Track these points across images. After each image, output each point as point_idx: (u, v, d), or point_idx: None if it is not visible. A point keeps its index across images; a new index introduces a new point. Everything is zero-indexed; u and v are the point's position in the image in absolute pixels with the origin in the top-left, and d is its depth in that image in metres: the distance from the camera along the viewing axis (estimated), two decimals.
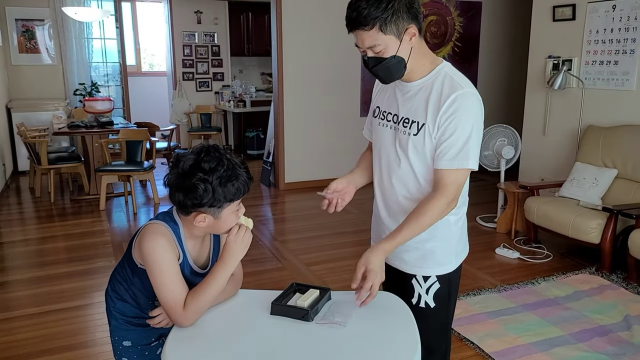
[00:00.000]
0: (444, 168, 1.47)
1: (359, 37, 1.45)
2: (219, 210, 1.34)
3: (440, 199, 1.47)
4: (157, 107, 8.21)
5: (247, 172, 1.39)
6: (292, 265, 3.83)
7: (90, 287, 3.46)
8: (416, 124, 1.51)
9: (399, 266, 1.68)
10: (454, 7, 6.44)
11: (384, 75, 1.51)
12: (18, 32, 6.91)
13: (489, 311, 3.03)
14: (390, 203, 1.66)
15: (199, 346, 1.34)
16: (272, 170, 6.12)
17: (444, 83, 1.49)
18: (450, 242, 1.63)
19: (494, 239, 4.36)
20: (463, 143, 1.45)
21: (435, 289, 1.63)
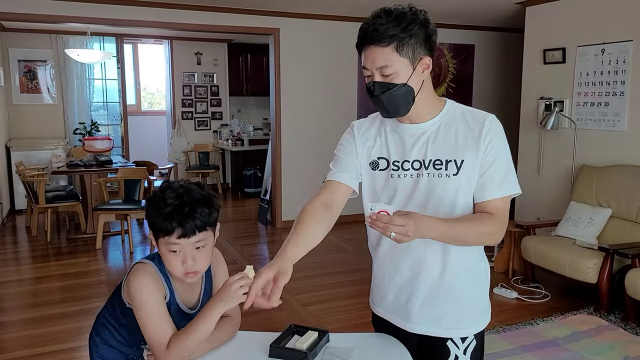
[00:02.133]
0: (494, 198, 1.37)
1: (370, 55, 1.32)
2: (156, 239, 1.37)
3: (496, 220, 1.37)
4: (156, 145, 8.29)
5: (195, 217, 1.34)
6: (288, 305, 3.80)
7: (85, 328, 3.41)
8: (454, 163, 1.38)
9: (431, 332, 1.49)
10: (448, 49, 6.62)
11: (388, 106, 1.36)
12: (20, 72, 7.05)
13: (488, 353, 3.00)
14: (421, 254, 1.46)
15: None
16: (269, 208, 6.13)
17: (466, 115, 1.42)
18: (485, 294, 1.54)
19: (492, 278, 4.32)
20: (506, 168, 1.39)
21: (472, 348, 1.50)
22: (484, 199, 1.38)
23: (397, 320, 1.55)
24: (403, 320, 1.53)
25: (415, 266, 1.47)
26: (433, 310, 1.47)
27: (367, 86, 1.38)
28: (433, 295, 1.47)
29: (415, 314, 1.50)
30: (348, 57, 5.98)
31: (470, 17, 5.99)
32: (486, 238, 1.38)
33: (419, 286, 1.48)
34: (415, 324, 1.50)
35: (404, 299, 1.51)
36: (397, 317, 1.55)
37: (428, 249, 1.44)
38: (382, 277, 1.57)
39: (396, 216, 1.22)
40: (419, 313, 1.49)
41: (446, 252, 1.44)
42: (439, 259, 1.45)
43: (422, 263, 1.46)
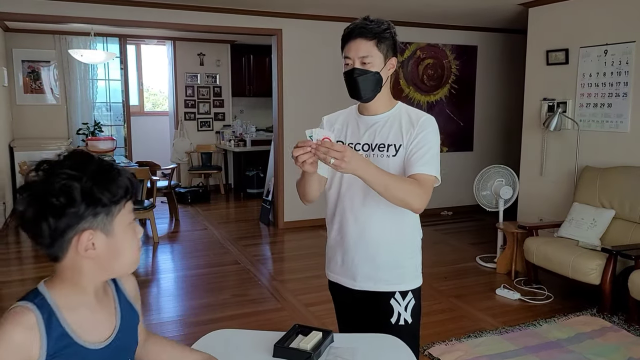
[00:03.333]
0: (419, 172, 1.65)
1: (355, 46, 1.67)
2: (109, 220, 0.98)
3: (421, 186, 1.63)
4: (159, 146, 8.29)
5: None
6: (291, 305, 3.81)
7: None
8: (394, 147, 1.71)
9: (376, 287, 1.77)
10: (450, 50, 6.62)
11: (362, 86, 1.68)
12: (24, 72, 7.06)
13: (491, 354, 3.00)
14: (363, 223, 1.75)
15: None
16: (272, 209, 6.14)
17: (409, 113, 1.76)
18: (419, 257, 1.85)
19: (494, 279, 4.35)
20: (432, 154, 1.68)
21: (412, 305, 1.78)
22: (412, 172, 1.66)
23: (344, 281, 1.83)
24: (350, 279, 1.81)
25: (360, 231, 1.75)
26: (375, 270, 1.76)
27: (345, 73, 1.72)
28: (374, 256, 1.75)
29: (360, 273, 1.78)
30: None
31: (473, 18, 5.99)
32: (410, 196, 1.60)
33: (362, 248, 1.76)
34: (360, 281, 1.78)
35: (349, 261, 1.79)
36: (344, 278, 1.83)
37: (372, 216, 1.73)
38: (333, 244, 1.86)
39: (335, 144, 1.47)
40: (362, 272, 1.77)
41: (387, 219, 1.73)
42: (381, 225, 1.74)
43: (366, 228, 1.75)
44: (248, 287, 4.20)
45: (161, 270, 4.75)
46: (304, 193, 1.79)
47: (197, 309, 3.77)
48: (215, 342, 1.60)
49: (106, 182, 0.96)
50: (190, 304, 3.89)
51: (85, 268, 1.00)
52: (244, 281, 4.32)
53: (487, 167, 4.80)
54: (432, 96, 6.57)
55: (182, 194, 7.32)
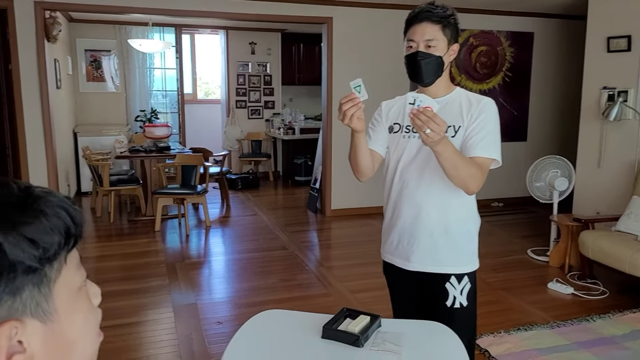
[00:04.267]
0: (479, 155, 1.67)
1: (420, 29, 1.68)
2: (44, 292, 0.54)
3: (481, 170, 1.66)
4: (211, 133, 8.52)
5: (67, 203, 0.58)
6: (337, 291, 3.86)
7: (144, 305, 3.60)
8: (452, 128, 1.72)
9: (431, 269, 1.79)
10: (505, 37, 6.43)
11: (425, 70, 1.70)
12: (87, 61, 7.41)
13: (541, 347, 2.95)
14: (419, 204, 1.77)
15: (257, 355, 1.41)
16: (319, 196, 6.20)
17: (469, 96, 1.77)
18: (475, 241, 1.84)
19: (546, 272, 4.24)
20: (493, 138, 1.70)
21: (468, 289, 1.79)
22: (472, 155, 1.67)
23: (398, 261, 1.85)
24: (404, 260, 1.83)
25: (416, 212, 1.77)
26: (430, 250, 1.77)
27: (408, 56, 1.73)
28: (428, 237, 1.77)
29: (414, 254, 1.79)
30: (401, 46, 5.92)
31: (529, 3, 5.78)
32: (470, 179, 1.63)
33: (418, 229, 1.78)
34: (414, 262, 1.80)
35: (405, 242, 1.81)
36: (398, 259, 1.85)
37: (428, 197, 1.75)
38: (389, 226, 1.88)
39: (439, 116, 1.47)
40: (417, 253, 1.78)
41: (443, 199, 1.75)
42: (437, 206, 1.76)
43: (422, 209, 1.76)
44: (295, 272, 4.29)
45: (212, 253, 4.92)
46: (357, 163, 1.77)
47: (246, 291, 3.89)
48: (265, 321, 1.67)
49: (26, 226, 0.52)
50: (240, 286, 4.01)
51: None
52: (292, 266, 4.41)
53: (541, 157, 4.66)
54: (484, 84, 6.42)
55: (232, 180, 7.50)
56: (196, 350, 2.96)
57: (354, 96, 1.54)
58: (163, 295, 3.76)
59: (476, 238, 1.85)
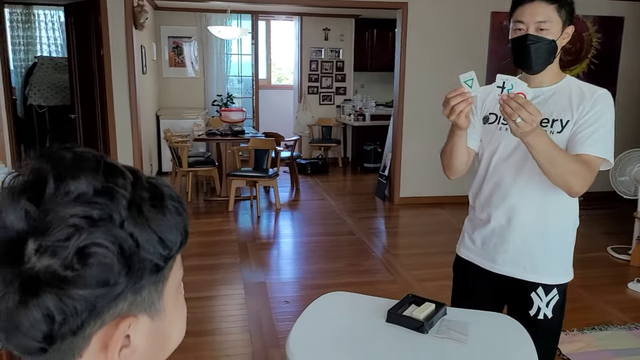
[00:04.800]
0: (588, 153, 1.48)
1: (532, 10, 1.49)
2: (159, 291, 0.55)
3: (587, 167, 1.48)
4: (283, 118, 8.69)
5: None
6: (403, 279, 3.88)
7: (217, 280, 3.80)
8: (559, 122, 1.54)
9: (519, 275, 1.65)
10: (592, 22, 6.05)
11: (535, 55, 1.51)
12: (169, 48, 7.78)
13: (617, 349, 2.83)
14: (513, 204, 1.62)
15: (321, 339, 1.48)
16: (388, 184, 6.19)
17: (581, 87, 1.57)
18: (571, 249, 1.68)
19: (627, 272, 4.02)
20: (605, 133, 1.51)
21: (555, 301, 1.64)
22: (578, 152, 1.49)
23: (481, 262, 1.72)
24: (489, 262, 1.69)
25: (510, 212, 1.62)
26: (520, 254, 1.63)
27: (515, 39, 1.54)
28: (522, 241, 1.62)
29: (502, 257, 1.65)
30: (477, 31, 5.75)
31: None
32: (574, 177, 1.46)
33: (510, 232, 1.63)
34: (501, 265, 1.66)
35: (492, 243, 1.68)
36: (482, 259, 1.72)
37: (524, 197, 1.60)
38: (475, 223, 1.74)
39: (532, 104, 1.33)
40: (505, 257, 1.65)
41: (541, 201, 1.59)
42: (533, 209, 1.60)
43: (516, 210, 1.61)
44: (362, 258, 4.34)
45: (281, 235, 5.07)
46: (451, 161, 1.64)
47: (313, 272, 3.99)
48: (331, 302, 1.73)
49: (159, 224, 0.50)
50: (307, 268, 4.13)
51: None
52: (358, 252, 4.47)
53: (626, 151, 4.39)
54: (567, 72, 6.02)
55: (302, 165, 7.65)
56: (264, 326, 3.10)
57: (464, 90, 1.39)
58: (235, 272, 3.94)
59: (572, 247, 1.68)
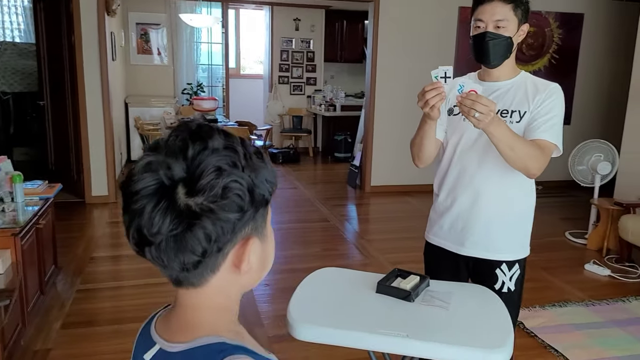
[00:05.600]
0: (542, 138, 1.63)
1: (491, 9, 1.63)
2: (264, 219, 0.71)
3: (542, 150, 1.62)
4: (253, 108, 8.71)
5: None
6: (377, 262, 4.02)
7: None
8: (518, 113, 1.68)
9: (485, 255, 1.79)
10: (554, 18, 6.33)
11: (493, 51, 1.65)
12: (137, 34, 7.67)
13: (576, 323, 3.06)
14: (478, 189, 1.74)
15: (318, 308, 1.59)
16: (359, 173, 6.34)
17: (535, 81, 1.72)
18: (529, 231, 1.84)
19: (584, 255, 4.29)
20: (556, 122, 1.66)
21: (517, 275, 1.81)
22: (534, 138, 1.63)
23: (450, 246, 1.84)
24: (458, 245, 1.82)
25: (474, 197, 1.75)
26: (484, 236, 1.76)
27: (475, 36, 1.67)
28: (486, 223, 1.75)
29: (469, 239, 1.78)
30: (447, 25, 5.93)
31: None
32: (529, 159, 1.59)
33: (475, 215, 1.76)
34: (469, 248, 1.79)
35: (459, 227, 1.80)
36: (450, 243, 1.84)
37: (487, 183, 1.73)
38: (441, 209, 1.86)
39: (484, 97, 1.46)
40: (472, 239, 1.77)
41: (502, 186, 1.73)
42: (496, 192, 1.73)
43: (480, 195, 1.74)
44: (336, 243, 4.47)
45: None
46: (421, 150, 1.76)
47: (289, 257, 4.09)
48: (323, 277, 1.84)
49: (263, 170, 0.67)
50: (283, 254, 4.22)
51: (233, 290, 0.72)
52: (333, 237, 4.60)
53: (585, 141, 4.66)
54: (530, 66, 6.36)
55: (274, 154, 7.71)
56: (247, 308, 3.19)
57: (439, 85, 1.50)
58: None
59: (530, 226, 1.83)
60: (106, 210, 5.12)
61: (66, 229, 4.44)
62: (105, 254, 4.07)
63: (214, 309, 0.71)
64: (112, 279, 3.61)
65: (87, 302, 3.24)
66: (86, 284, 3.48)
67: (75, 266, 3.75)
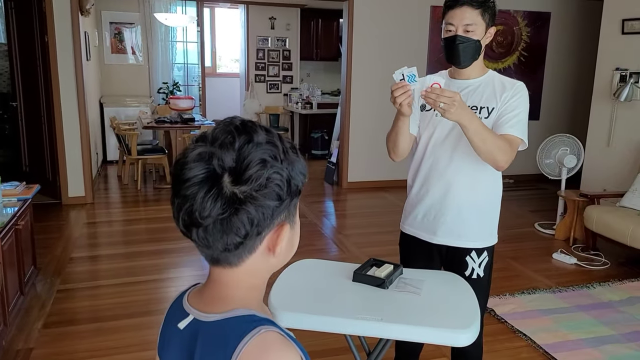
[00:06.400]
0: (509, 133, 1.74)
1: (460, 14, 1.72)
2: (295, 207, 0.79)
3: (510, 144, 1.73)
4: (230, 106, 8.74)
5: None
6: (355, 256, 4.13)
7: (168, 264, 3.90)
8: (486, 109, 1.79)
9: (456, 243, 1.89)
10: (522, 17, 6.53)
11: (463, 53, 1.75)
12: (111, 34, 7.62)
13: (543, 309, 3.21)
14: (449, 180, 1.84)
15: (298, 296, 1.67)
16: (336, 169, 6.44)
17: (502, 79, 1.84)
18: (497, 219, 1.95)
19: (552, 244, 4.47)
20: (521, 119, 1.76)
21: (486, 262, 1.92)
22: (503, 132, 1.74)
23: (423, 235, 1.94)
24: (431, 234, 1.92)
25: (446, 188, 1.85)
26: (455, 225, 1.86)
27: (446, 39, 1.77)
28: (457, 212, 1.85)
29: (441, 228, 1.88)
30: (420, 24, 6.07)
31: None
32: (498, 152, 1.69)
33: (446, 205, 1.86)
34: (441, 236, 1.89)
35: (432, 216, 1.90)
36: (423, 232, 1.94)
37: (458, 175, 1.83)
38: (415, 200, 1.95)
39: (446, 89, 1.58)
40: (444, 228, 1.88)
41: (472, 178, 1.83)
42: (466, 183, 1.83)
43: (451, 186, 1.84)
44: (314, 238, 4.56)
45: None
46: (395, 144, 1.85)
47: None
48: (301, 269, 1.93)
49: (297, 163, 0.75)
50: None
51: (264, 270, 0.80)
52: (311, 233, 4.68)
53: (552, 135, 4.85)
54: (500, 63, 6.55)
55: None
56: None
57: (404, 84, 1.61)
58: (193, 255, 4.05)
59: (498, 215, 1.95)
60: (83, 211, 5.11)
61: (44, 230, 4.43)
62: (84, 254, 4.08)
63: (246, 287, 0.79)
64: (92, 279, 3.62)
65: (68, 301, 3.26)
66: (66, 284, 3.50)
67: (54, 267, 3.76)
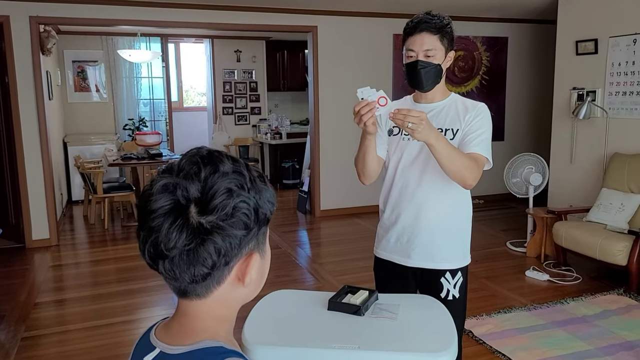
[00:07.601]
0: (475, 152, 1.77)
1: (420, 40, 1.76)
2: (265, 235, 0.79)
3: (476, 162, 1.76)
4: (198, 140, 8.66)
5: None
6: (330, 285, 4.08)
7: (137, 304, 3.78)
8: (451, 131, 1.82)
9: (430, 265, 1.90)
10: (481, 42, 6.75)
11: (425, 78, 1.79)
12: (74, 72, 7.53)
13: (520, 327, 3.21)
14: (420, 203, 1.86)
15: (272, 328, 1.63)
16: (308, 198, 6.43)
17: (464, 101, 1.88)
18: (469, 240, 1.97)
19: (524, 262, 4.52)
20: (485, 138, 1.81)
21: (460, 282, 1.93)
22: (468, 151, 1.77)
23: (397, 258, 1.95)
24: (404, 257, 1.93)
25: (417, 211, 1.87)
26: (428, 247, 1.88)
27: (408, 64, 1.81)
28: (430, 234, 1.87)
29: (414, 251, 1.89)
30: (383, 52, 6.20)
31: (503, 9, 6.11)
32: (465, 170, 1.72)
33: (418, 227, 1.87)
34: (414, 259, 1.90)
35: (405, 239, 1.91)
36: (397, 256, 1.95)
37: (428, 197, 1.85)
38: (387, 224, 1.96)
39: (413, 109, 1.62)
40: (417, 251, 1.89)
41: (442, 199, 1.86)
42: (437, 205, 1.86)
43: (422, 208, 1.86)
44: (289, 269, 4.50)
45: None
46: (364, 165, 1.84)
47: None
48: (276, 299, 1.88)
49: (265, 191, 0.75)
50: None
51: (233, 301, 0.78)
52: (286, 263, 4.62)
53: (517, 155, 4.96)
54: (463, 87, 6.73)
55: None
56: None
57: (368, 102, 1.64)
58: (164, 294, 3.93)
59: (469, 235, 1.97)
60: (48, 253, 4.93)
61: (7, 276, 4.25)
62: (50, 298, 3.92)
63: (215, 319, 0.77)
64: (58, 324, 3.47)
65: (33, 349, 3.11)
66: (31, 330, 3.34)
67: (18, 313, 3.59)
